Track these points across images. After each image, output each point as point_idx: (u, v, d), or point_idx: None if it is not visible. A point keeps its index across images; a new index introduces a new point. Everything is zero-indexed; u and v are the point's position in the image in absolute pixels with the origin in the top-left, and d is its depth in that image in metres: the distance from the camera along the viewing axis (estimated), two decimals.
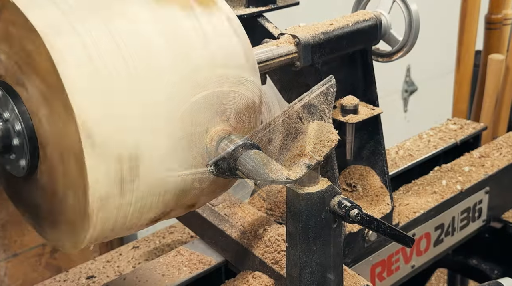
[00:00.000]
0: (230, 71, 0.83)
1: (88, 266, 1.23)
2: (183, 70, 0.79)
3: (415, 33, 1.17)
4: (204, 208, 1.16)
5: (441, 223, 1.37)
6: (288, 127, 0.87)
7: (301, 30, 1.06)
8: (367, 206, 1.20)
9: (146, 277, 1.08)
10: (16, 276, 1.77)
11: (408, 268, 1.33)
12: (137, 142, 0.75)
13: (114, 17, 0.77)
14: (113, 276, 1.20)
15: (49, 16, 0.73)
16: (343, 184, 1.23)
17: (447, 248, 1.42)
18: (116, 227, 0.79)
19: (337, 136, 0.88)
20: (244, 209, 1.15)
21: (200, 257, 1.13)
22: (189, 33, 0.81)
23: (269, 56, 1.00)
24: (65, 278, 1.19)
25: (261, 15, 1.17)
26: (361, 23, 1.13)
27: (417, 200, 1.36)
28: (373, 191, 1.23)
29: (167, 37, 0.79)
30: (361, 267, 1.21)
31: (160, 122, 0.76)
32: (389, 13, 1.18)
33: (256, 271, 1.04)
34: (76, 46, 0.72)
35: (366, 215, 0.86)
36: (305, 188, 0.86)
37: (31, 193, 0.85)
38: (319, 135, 0.87)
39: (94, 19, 0.75)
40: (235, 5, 1.19)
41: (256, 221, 1.10)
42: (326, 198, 0.86)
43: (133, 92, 0.74)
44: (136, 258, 1.27)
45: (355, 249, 1.18)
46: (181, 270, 1.10)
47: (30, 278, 1.77)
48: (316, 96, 0.90)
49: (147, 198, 0.79)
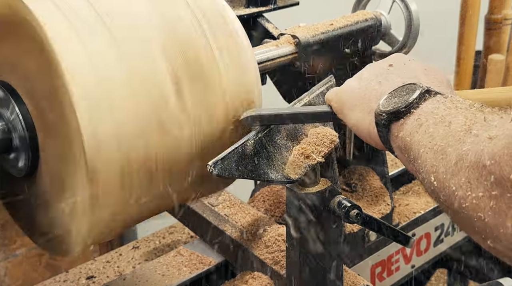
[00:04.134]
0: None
1: (88, 266, 1.23)
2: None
3: (415, 33, 1.17)
4: (204, 208, 1.16)
5: (441, 223, 1.37)
6: (288, 127, 0.87)
7: (301, 30, 1.06)
8: (367, 206, 1.20)
9: (146, 277, 1.08)
10: (16, 276, 1.77)
11: (408, 268, 1.33)
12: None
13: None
14: (113, 276, 1.20)
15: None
16: (343, 184, 1.23)
17: (447, 248, 1.42)
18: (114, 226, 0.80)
19: (337, 137, 0.88)
20: (244, 209, 1.15)
21: (200, 257, 1.13)
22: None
23: (269, 56, 1.00)
24: (65, 278, 1.18)
25: (261, 15, 1.17)
26: (361, 23, 1.13)
27: (417, 200, 1.36)
28: (373, 191, 1.23)
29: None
30: (361, 267, 1.21)
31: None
32: (389, 13, 1.18)
33: (256, 271, 1.04)
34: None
35: (366, 215, 0.86)
36: (305, 188, 0.86)
37: (29, 194, 0.85)
38: (319, 135, 0.87)
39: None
40: (235, 5, 1.19)
41: (256, 221, 1.10)
42: (326, 198, 0.86)
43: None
44: (136, 258, 1.27)
45: (355, 249, 1.18)
46: (181, 270, 1.10)
47: (30, 278, 1.77)
48: (316, 97, 0.90)
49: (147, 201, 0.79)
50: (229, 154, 0.77)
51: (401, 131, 0.65)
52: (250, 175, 0.79)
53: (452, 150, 0.56)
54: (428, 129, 0.61)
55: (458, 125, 0.58)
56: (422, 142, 0.61)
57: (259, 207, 1.22)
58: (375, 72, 0.76)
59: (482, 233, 0.52)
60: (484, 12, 1.91)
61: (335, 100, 0.79)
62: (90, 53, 0.72)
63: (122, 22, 0.76)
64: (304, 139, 0.87)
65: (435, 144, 0.59)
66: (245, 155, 0.79)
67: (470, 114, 0.59)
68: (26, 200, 0.86)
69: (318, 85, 0.92)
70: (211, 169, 0.76)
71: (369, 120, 0.72)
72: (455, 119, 0.59)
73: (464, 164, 0.54)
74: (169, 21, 0.79)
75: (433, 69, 0.75)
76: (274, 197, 1.22)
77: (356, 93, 0.76)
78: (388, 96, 0.69)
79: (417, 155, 0.61)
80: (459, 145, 0.56)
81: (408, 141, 0.63)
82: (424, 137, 0.61)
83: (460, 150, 0.55)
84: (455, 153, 0.55)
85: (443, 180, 0.56)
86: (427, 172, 0.59)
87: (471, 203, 0.52)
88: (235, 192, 1.19)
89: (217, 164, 0.76)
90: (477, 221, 0.52)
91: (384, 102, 0.68)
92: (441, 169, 0.56)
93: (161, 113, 0.76)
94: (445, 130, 0.58)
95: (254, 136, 0.81)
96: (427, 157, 0.59)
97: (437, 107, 0.63)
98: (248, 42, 0.87)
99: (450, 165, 0.55)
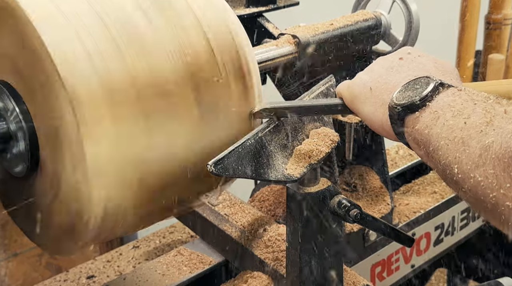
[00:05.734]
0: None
1: (88, 266, 1.23)
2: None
3: (415, 33, 1.17)
4: (204, 208, 1.16)
5: (441, 223, 1.38)
6: (288, 127, 0.87)
7: (301, 30, 1.06)
8: (367, 206, 1.21)
9: (146, 277, 1.08)
10: (16, 276, 1.77)
11: (408, 268, 1.33)
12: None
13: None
14: (113, 276, 1.20)
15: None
16: (343, 184, 1.23)
17: (447, 248, 1.42)
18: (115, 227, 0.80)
19: (337, 137, 0.88)
20: (244, 209, 1.15)
21: (200, 257, 1.13)
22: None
23: (269, 56, 1.00)
24: (65, 278, 1.19)
25: (261, 15, 1.17)
26: (361, 23, 1.13)
27: (417, 200, 1.36)
28: (373, 191, 1.23)
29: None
30: (361, 267, 1.21)
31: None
32: (389, 13, 1.18)
33: (256, 271, 1.04)
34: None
35: (366, 215, 0.86)
36: (305, 188, 0.86)
37: (28, 194, 0.85)
38: (320, 135, 0.87)
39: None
40: (235, 5, 1.19)
41: (256, 221, 1.10)
42: (326, 198, 0.86)
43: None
44: (136, 258, 1.27)
45: (355, 249, 1.18)
46: (181, 270, 1.10)
47: (30, 278, 1.77)
48: (316, 96, 0.90)
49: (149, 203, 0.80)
50: (229, 153, 0.77)
51: (416, 124, 0.66)
52: (250, 175, 0.79)
53: (475, 142, 0.57)
54: (446, 122, 0.62)
55: (478, 118, 0.59)
56: (441, 134, 0.62)
57: (259, 207, 1.22)
58: (386, 65, 0.77)
59: (510, 221, 0.54)
60: (484, 12, 1.91)
61: (347, 94, 0.80)
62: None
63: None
64: (305, 140, 0.87)
65: (455, 136, 0.60)
66: (245, 155, 0.79)
67: (488, 106, 0.60)
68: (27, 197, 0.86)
69: (318, 85, 0.92)
70: (211, 169, 0.76)
71: (381, 112, 0.73)
72: (473, 111, 0.60)
73: (490, 155, 0.55)
74: None
75: (443, 62, 0.77)
76: (274, 197, 1.22)
77: (367, 86, 0.76)
78: (401, 89, 0.70)
79: (437, 147, 0.62)
80: (482, 137, 0.57)
81: (425, 134, 0.64)
82: (443, 130, 0.62)
83: (484, 142, 0.56)
84: (479, 145, 0.57)
85: (467, 171, 0.58)
86: (449, 164, 0.60)
87: (498, 193, 0.54)
88: (235, 192, 1.19)
89: (217, 164, 0.76)
90: (504, 210, 0.54)
91: (398, 95, 0.69)
92: (464, 160, 0.58)
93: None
94: (465, 123, 0.60)
95: (254, 136, 0.81)
96: (449, 149, 0.60)
97: (453, 100, 0.64)
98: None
99: (474, 157, 0.57)
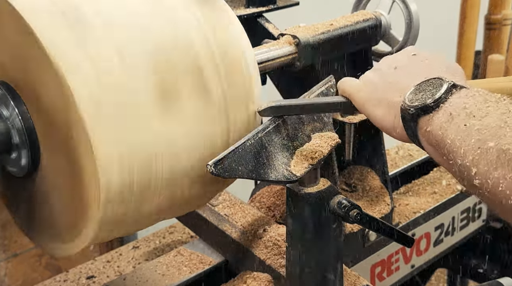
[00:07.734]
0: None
1: (88, 266, 1.23)
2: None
3: (415, 33, 1.17)
4: (204, 208, 1.17)
5: (441, 223, 1.38)
6: (288, 127, 0.87)
7: (301, 30, 1.06)
8: (367, 206, 1.20)
9: (146, 277, 1.08)
10: (16, 276, 1.77)
11: (408, 268, 1.33)
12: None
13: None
14: (113, 276, 1.20)
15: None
16: (343, 184, 1.23)
17: (447, 248, 1.42)
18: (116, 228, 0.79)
19: (337, 137, 0.88)
20: (244, 209, 1.15)
21: (200, 257, 1.13)
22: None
23: (269, 56, 1.00)
24: (65, 278, 1.18)
25: (261, 16, 1.17)
26: (361, 23, 1.13)
27: (417, 200, 1.36)
28: (373, 191, 1.23)
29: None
30: (361, 267, 1.21)
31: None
32: (389, 13, 1.18)
33: (256, 271, 1.04)
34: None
35: (366, 215, 0.86)
36: (305, 188, 0.86)
37: (29, 194, 0.85)
38: (319, 135, 0.87)
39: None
40: (235, 5, 1.19)
41: (256, 221, 1.10)
42: (326, 198, 0.86)
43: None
44: (136, 258, 1.27)
45: (355, 249, 1.18)
46: (181, 270, 1.10)
47: (30, 278, 1.77)
48: (316, 97, 0.90)
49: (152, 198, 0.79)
50: (229, 154, 0.77)
51: (430, 125, 0.66)
52: (250, 175, 0.79)
53: (492, 144, 0.58)
54: (461, 123, 0.62)
55: (493, 120, 0.59)
56: (457, 136, 0.62)
57: (259, 207, 1.22)
58: (394, 65, 0.77)
59: None
60: (484, 12, 1.91)
61: (357, 97, 0.79)
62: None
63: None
64: (305, 140, 0.87)
65: (471, 138, 0.60)
66: (245, 155, 0.79)
67: (502, 107, 0.60)
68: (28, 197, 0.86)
69: (318, 85, 0.92)
70: (211, 169, 0.76)
71: (393, 114, 0.73)
72: (488, 113, 0.60)
73: (507, 157, 0.56)
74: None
75: (449, 61, 0.77)
76: (274, 197, 1.22)
77: (376, 87, 0.76)
78: (413, 91, 0.69)
79: (452, 148, 0.62)
80: (498, 138, 0.57)
81: (440, 135, 0.64)
82: (458, 132, 0.62)
83: (501, 144, 0.57)
84: (496, 147, 0.57)
85: (485, 172, 0.58)
86: (466, 165, 0.60)
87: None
88: (235, 192, 1.19)
89: (217, 164, 0.76)
90: None
91: (410, 97, 0.69)
92: (482, 162, 0.58)
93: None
94: (480, 124, 0.60)
95: (254, 137, 0.81)
96: (466, 150, 0.60)
97: (467, 102, 0.64)
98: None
99: (492, 158, 0.57)
